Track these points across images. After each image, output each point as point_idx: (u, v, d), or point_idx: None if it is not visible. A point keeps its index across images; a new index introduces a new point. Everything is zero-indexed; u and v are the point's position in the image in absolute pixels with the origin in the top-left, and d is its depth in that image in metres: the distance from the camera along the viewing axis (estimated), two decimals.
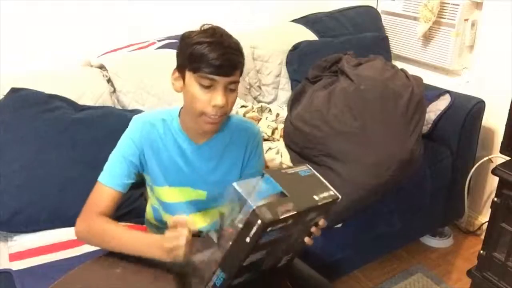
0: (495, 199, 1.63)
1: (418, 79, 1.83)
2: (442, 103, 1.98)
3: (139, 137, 1.11)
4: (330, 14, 2.43)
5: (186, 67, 1.03)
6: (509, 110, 1.59)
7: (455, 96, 1.98)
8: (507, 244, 1.62)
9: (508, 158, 1.64)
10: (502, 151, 1.65)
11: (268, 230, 0.79)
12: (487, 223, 1.73)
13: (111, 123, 1.56)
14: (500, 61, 1.94)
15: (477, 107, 1.92)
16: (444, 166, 1.96)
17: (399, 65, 2.11)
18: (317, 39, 2.29)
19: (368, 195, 1.57)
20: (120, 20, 2.00)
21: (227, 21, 2.13)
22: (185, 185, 1.17)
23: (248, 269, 0.88)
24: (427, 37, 2.22)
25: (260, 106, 2.05)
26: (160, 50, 1.92)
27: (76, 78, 1.77)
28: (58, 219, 1.45)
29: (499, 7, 1.91)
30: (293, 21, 2.40)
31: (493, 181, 1.95)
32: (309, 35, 2.29)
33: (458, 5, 2.03)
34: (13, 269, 1.33)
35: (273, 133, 1.93)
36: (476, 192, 2.18)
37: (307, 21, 2.37)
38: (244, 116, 1.95)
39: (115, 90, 1.79)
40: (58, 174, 1.48)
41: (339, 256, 1.70)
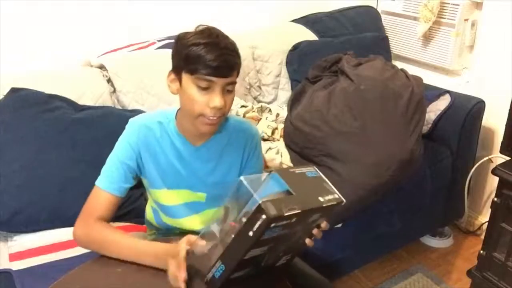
0: (495, 199, 1.63)
1: (418, 79, 1.83)
2: (442, 103, 1.98)
3: (136, 140, 1.10)
4: (330, 14, 2.43)
5: (182, 69, 1.02)
6: (509, 110, 1.59)
7: (455, 96, 1.98)
8: (507, 244, 1.62)
9: (508, 158, 1.64)
10: (502, 151, 1.65)
11: (272, 226, 0.79)
12: (487, 223, 1.73)
13: (111, 123, 1.55)
14: (500, 61, 1.94)
15: (477, 107, 1.92)
16: (444, 166, 1.96)
17: (399, 65, 2.12)
18: (317, 39, 2.29)
19: (368, 195, 1.57)
20: (120, 20, 2.01)
21: (227, 21, 2.15)
22: (183, 187, 1.16)
23: (247, 264, 0.88)
24: (427, 37, 2.21)
25: (260, 106, 2.05)
26: (160, 50, 1.92)
27: (76, 78, 1.77)
28: (58, 219, 1.45)
29: (499, 7, 1.91)
30: (293, 21, 2.40)
31: (493, 181, 1.95)
32: (309, 35, 2.29)
33: (458, 5, 2.03)
34: (13, 269, 1.33)
35: (273, 133, 1.93)
36: (476, 192, 2.18)
37: (307, 21, 2.37)
38: (244, 116, 1.95)
39: (115, 90, 1.79)
40: (58, 174, 1.48)
41: (339, 256, 1.70)
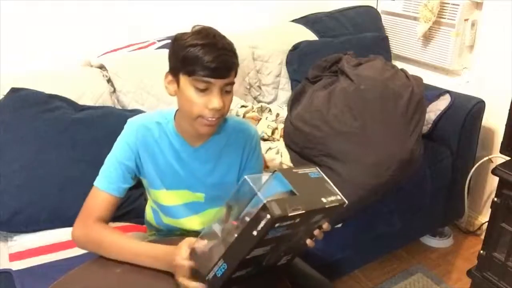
0: (495, 199, 1.63)
1: (418, 79, 1.83)
2: (442, 103, 1.98)
3: (135, 140, 1.10)
4: (330, 14, 2.43)
5: (180, 71, 1.02)
6: (509, 110, 1.59)
7: (455, 96, 1.98)
8: (507, 244, 1.62)
9: (508, 158, 1.64)
10: (502, 151, 1.65)
11: (276, 225, 0.79)
12: (487, 223, 1.73)
13: (111, 123, 1.55)
14: (500, 61, 1.94)
15: (477, 107, 1.92)
16: (444, 166, 1.96)
17: (399, 65, 2.11)
18: (317, 39, 2.29)
19: (368, 195, 1.57)
20: (120, 20, 2.00)
21: (227, 21, 2.16)
22: (182, 188, 1.16)
23: (249, 264, 0.88)
24: (427, 37, 2.21)
25: (260, 106, 2.05)
26: (160, 50, 1.92)
27: (76, 78, 1.77)
28: (58, 219, 1.45)
29: (499, 7, 1.91)
30: (293, 21, 2.40)
31: (493, 181, 1.95)
32: (309, 35, 2.29)
33: (458, 5, 2.03)
34: (13, 269, 1.33)
35: (273, 133, 1.93)
36: (476, 192, 2.18)
37: (307, 21, 2.37)
38: (244, 116, 1.95)
39: (115, 90, 1.79)
40: (58, 174, 1.48)
41: (339, 256, 1.70)
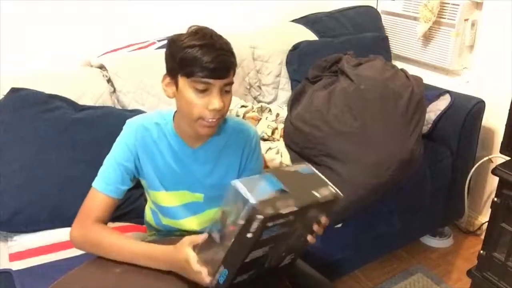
0: (495, 199, 1.63)
1: (418, 79, 1.83)
2: (442, 103, 1.98)
3: (134, 141, 1.10)
4: (330, 14, 2.43)
5: (178, 72, 1.01)
6: (509, 110, 1.59)
7: (455, 96, 1.98)
8: (507, 244, 1.62)
9: (508, 158, 1.64)
10: (502, 151, 1.65)
11: (269, 225, 0.79)
12: (487, 223, 1.73)
13: (111, 123, 1.55)
14: (500, 61, 1.94)
15: (477, 107, 1.92)
16: (444, 166, 1.96)
17: (399, 65, 2.11)
18: (317, 39, 2.29)
19: (368, 195, 1.57)
20: (120, 20, 2.00)
21: (227, 21, 2.16)
22: (181, 188, 1.16)
23: (250, 267, 0.88)
24: (427, 37, 2.21)
25: (260, 106, 2.05)
26: (160, 50, 1.91)
27: (76, 78, 1.77)
28: (58, 219, 1.45)
29: (499, 7, 1.91)
30: (293, 21, 2.40)
31: (493, 181, 1.95)
32: (309, 35, 2.29)
33: (458, 5, 2.03)
34: (13, 269, 1.33)
35: (273, 133, 1.93)
36: (476, 192, 2.18)
37: (307, 21, 2.37)
38: (244, 116, 1.95)
39: (115, 90, 1.79)
40: (58, 174, 1.48)
41: (339, 256, 1.70)
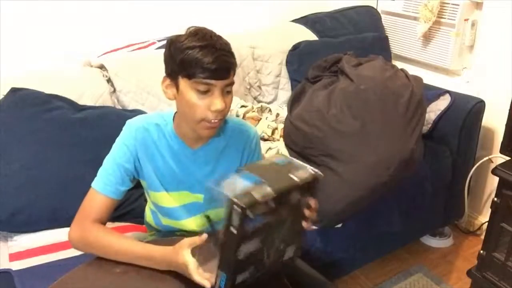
0: (495, 199, 1.63)
1: (418, 79, 1.83)
2: (442, 103, 1.98)
3: (134, 142, 1.09)
4: (330, 14, 2.43)
5: (178, 74, 1.00)
6: (509, 110, 1.59)
7: (455, 96, 1.98)
8: (507, 244, 1.62)
9: (508, 158, 1.64)
10: (502, 151, 1.65)
11: (249, 215, 0.79)
12: (487, 223, 1.73)
13: (111, 123, 1.55)
14: (500, 61, 1.94)
15: (477, 107, 1.92)
16: (444, 166, 1.96)
17: (399, 65, 2.11)
18: (317, 39, 2.29)
19: (368, 195, 1.57)
20: (120, 20, 2.01)
21: (227, 21, 2.16)
22: (182, 189, 1.15)
23: (248, 263, 0.87)
24: (427, 37, 2.21)
25: (260, 106, 2.05)
26: (160, 50, 1.90)
27: (76, 78, 1.77)
28: (58, 219, 1.45)
29: (499, 7, 1.91)
30: (293, 21, 2.40)
31: (493, 181, 1.95)
32: (309, 35, 2.29)
33: (458, 5, 2.03)
34: (13, 269, 1.33)
35: (273, 133, 1.93)
36: (476, 192, 2.18)
37: (307, 21, 2.37)
38: (244, 116, 1.95)
39: (115, 90, 1.79)
40: (58, 174, 1.48)
41: (339, 256, 1.70)
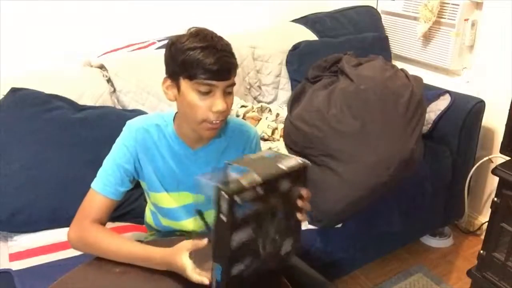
0: (495, 199, 1.63)
1: (418, 79, 1.83)
2: (442, 103, 1.98)
3: (134, 143, 1.09)
4: (330, 14, 2.44)
5: (180, 75, 1.00)
6: (509, 110, 1.59)
7: (455, 96, 1.98)
8: (507, 244, 1.62)
9: (508, 158, 1.64)
10: (502, 151, 1.65)
11: (237, 201, 0.79)
12: (487, 223, 1.73)
13: (111, 123, 1.55)
14: (500, 61, 1.94)
15: (477, 107, 1.92)
16: (444, 166, 1.96)
17: (399, 65, 2.11)
18: (317, 39, 2.29)
19: (368, 195, 1.57)
20: (120, 20, 2.01)
21: (227, 21, 2.16)
22: (182, 190, 1.16)
23: (243, 254, 0.86)
24: (427, 37, 2.21)
25: (260, 106, 2.05)
26: (160, 50, 1.92)
27: (76, 78, 1.77)
28: (58, 219, 1.45)
29: (499, 7, 1.91)
30: (293, 21, 2.40)
31: (493, 181, 1.95)
32: (309, 35, 2.30)
33: (458, 5, 2.03)
34: (13, 269, 1.33)
35: (273, 133, 1.93)
36: (476, 192, 2.18)
37: (307, 21, 2.38)
38: (244, 116, 1.95)
39: (115, 90, 1.79)
40: (58, 174, 1.49)
41: (339, 256, 1.70)
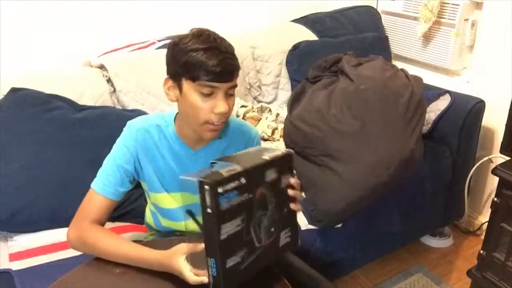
0: (495, 199, 1.63)
1: (418, 79, 1.83)
2: (442, 103, 1.98)
3: (134, 144, 1.09)
4: (330, 14, 2.44)
5: (182, 76, 1.00)
6: (509, 110, 1.59)
7: (455, 96, 1.98)
8: (507, 244, 1.62)
9: (508, 158, 1.64)
10: (502, 151, 1.65)
11: (220, 191, 0.80)
12: (487, 223, 1.73)
13: (111, 123, 1.55)
14: (500, 61, 1.94)
15: (477, 107, 1.92)
16: (444, 166, 1.96)
17: (399, 65, 2.11)
18: (317, 39, 2.29)
19: (368, 195, 1.57)
20: (120, 20, 2.01)
21: (227, 21, 2.16)
22: (183, 190, 1.16)
23: (236, 246, 0.86)
24: (427, 37, 2.21)
25: (260, 106, 2.05)
26: (160, 50, 1.92)
27: (76, 78, 1.77)
28: (58, 219, 1.45)
29: (499, 7, 1.91)
30: (293, 21, 2.40)
31: (493, 181, 1.95)
32: (309, 35, 2.30)
33: (458, 5, 2.03)
34: (13, 269, 1.33)
35: (273, 133, 1.93)
36: (476, 192, 2.18)
37: (307, 21, 2.38)
38: (244, 116, 1.95)
39: (115, 90, 1.79)
40: (58, 174, 1.49)
41: (339, 256, 1.70)
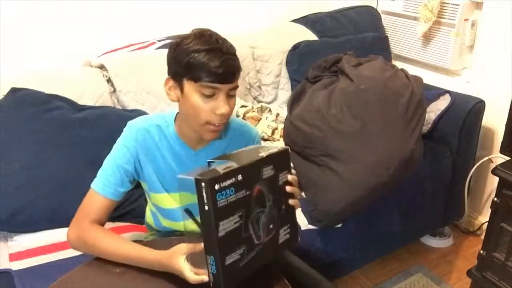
0: (495, 199, 1.63)
1: (418, 79, 1.83)
2: (442, 103, 1.98)
3: (134, 144, 1.09)
4: (330, 14, 2.44)
5: (183, 76, 1.00)
6: (509, 110, 1.59)
7: (455, 96, 1.98)
8: (507, 244, 1.62)
9: (508, 158, 1.64)
10: (502, 151, 1.65)
11: (217, 188, 0.81)
12: (487, 223, 1.73)
13: (111, 123, 1.56)
14: (500, 61, 1.94)
15: (477, 107, 1.92)
16: (444, 166, 1.96)
17: (399, 65, 2.11)
18: (317, 39, 2.29)
19: (368, 195, 1.57)
20: (120, 20, 2.01)
21: (227, 21, 2.16)
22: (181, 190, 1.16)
23: (235, 243, 0.86)
24: (427, 37, 2.21)
25: (260, 106, 2.05)
26: (160, 50, 1.92)
27: (76, 78, 1.77)
28: (58, 219, 1.45)
29: (499, 7, 1.91)
30: (293, 21, 2.40)
31: (493, 181, 1.95)
32: (309, 35, 2.30)
33: (458, 5, 2.03)
34: (13, 269, 1.33)
35: (273, 133, 1.93)
36: (476, 192, 2.18)
37: (307, 21, 2.38)
38: (244, 116, 1.95)
39: (115, 90, 1.79)
40: (58, 174, 1.49)
41: (339, 256, 1.70)
